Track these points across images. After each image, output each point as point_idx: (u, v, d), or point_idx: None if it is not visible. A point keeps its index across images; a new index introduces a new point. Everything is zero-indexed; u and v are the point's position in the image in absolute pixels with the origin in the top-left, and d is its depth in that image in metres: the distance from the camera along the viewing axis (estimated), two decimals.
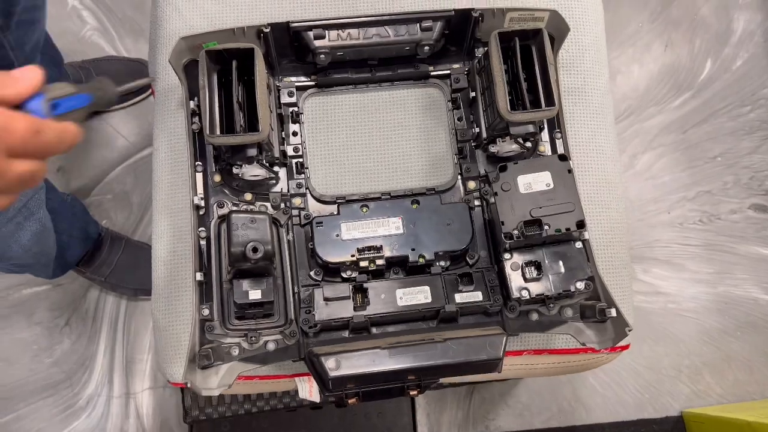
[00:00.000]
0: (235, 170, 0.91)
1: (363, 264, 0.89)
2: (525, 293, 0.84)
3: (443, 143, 1.00)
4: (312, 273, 0.92)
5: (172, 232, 0.97)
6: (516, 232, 0.84)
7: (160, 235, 0.98)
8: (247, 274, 0.85)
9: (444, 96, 1.01)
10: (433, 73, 1.01)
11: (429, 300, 0.88)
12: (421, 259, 0.90)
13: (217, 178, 0.94)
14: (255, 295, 0.84)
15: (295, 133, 0.98)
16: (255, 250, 0.80)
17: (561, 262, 0.85)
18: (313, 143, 0.99)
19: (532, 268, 0.86)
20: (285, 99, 0.98)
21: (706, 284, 1.67)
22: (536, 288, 0.85)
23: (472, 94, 0.97)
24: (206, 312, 0.87)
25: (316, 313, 0.87)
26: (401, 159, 0.99)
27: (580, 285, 0.84)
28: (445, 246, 0.90)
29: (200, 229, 0.91)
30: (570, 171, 0.86)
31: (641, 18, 1.82)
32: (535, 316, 0.89)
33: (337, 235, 0.90)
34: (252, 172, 0.91)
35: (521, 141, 0.92)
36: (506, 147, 0.93)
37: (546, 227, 0.83)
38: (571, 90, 1.03)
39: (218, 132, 0.84)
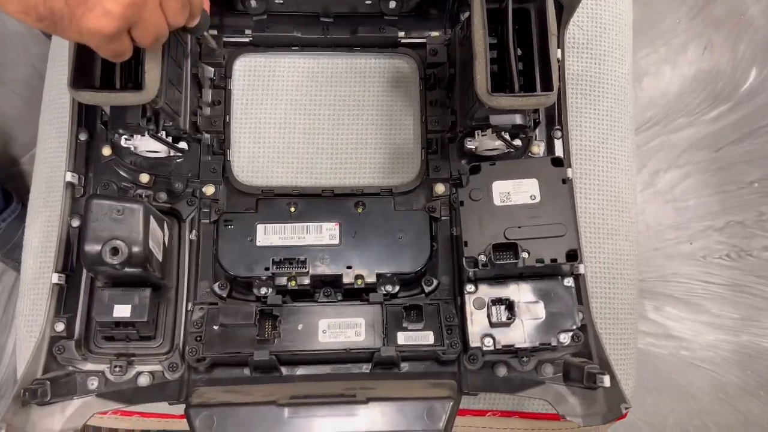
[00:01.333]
0: (124, 142, 0.69)
1: (280, 281, 0.66)
2: (488, 342, 0.62)
3: (409, 132, 0.77)
4: (216, 286, 0.69)
5: (48, 215, 0.75)
6: (482, 257, 0.61)
7: (35, 217, 0.76)
8: (121, 281, 0.63)
9: (416, 71, 0.78)
10: (403, 41, 0.78)
11: (361, 338, 0.65)
12: (359, 281, 0.67)
13: (107, 151, 0.72)
14: (122, 311, 0.62)
15: (217, 102, 0.76)
16: (115, 251, 0.57)
17: (542, 304, 0.62)
18: (240, 116, 0.77)
19: (502, 308, 0.63)
20: (207, 57, 0.75)
21: (727, 331, 1.42)
22: (504, 336, 0.62)
23: (451, 70, 0.74)
24: (60, 327, 0.65)
25: (205, 343, 0.65)
26: (353, 147, 0.76)
27: (565, 338, 0.61)
28: (393, 266, 0.68)
29: (72, 215, 0.69)
30: (566, 181, 0.63)
31: (678, 14, 1.57)
32: (502, 371, 0.66)
33: (251, 240, 0.68)
34: (147, 146, 0.69)
35: (507, 137, 0.69)
36: (487, 143, 0.70)
37: (524, 255, 0.60)
38: (581, 77, 0.80)
39: (94, 85, 0.61)
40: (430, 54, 0.77)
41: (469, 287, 0.63)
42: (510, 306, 0.62)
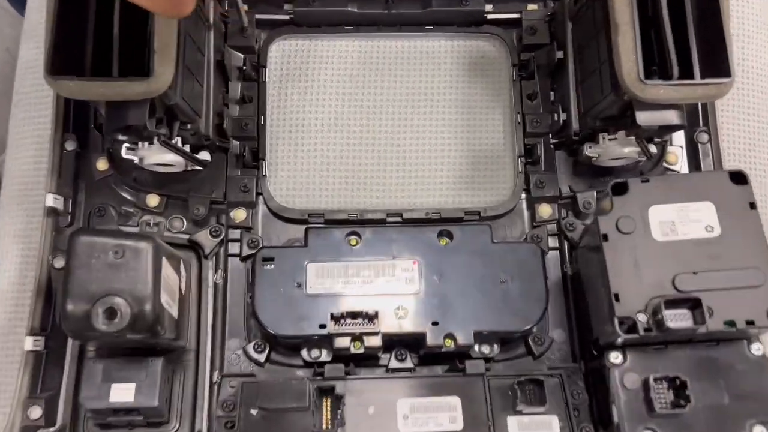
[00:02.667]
0: (126, 153, 0.50)
1: (340, 343, 0.48)
2: None
3: (498, 135, 0.59)
4: (251, 347, 0.51)
5: (22, 249, 0.56)
6: (642, 317, 0.42)
7: (5, 251, 0.57)
8: (121, 347, 0.45)
9: (506, 56, 0.60)
10: (491, 17, 0.60)
11: (458, 426, 0.47)
12: (448, 342, 0.49)
13: (102, 164, 0.54)
14: (123, 394, 0.43)
15: (248, 99, 0.57)
16: (111, 313, 0.39)
17: (722, 382, 0.43)
18: (278, 117, 0.58)
19: (662, 387, 0.44)
20: (235, 40, 0.57)
21: None
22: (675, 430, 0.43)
23: (559, 54, 0.56)
24: (36, 413, 0.47)
25: None
26: (424, 155, 0.58)
27: None
28: (496, 322, 0.49)
29: (55, 252, 0.51)
30: (753, 205, 0.44)
31: None
32: None
33: (299, 286, 0.49)
34: (156, 157, 0.50)
35: (644, 142, 0.50)
36: (614, 150, 0.52)
37: (707, 315, 0.41)
38: None
39: (83, 73, 0.43)
40: (527, 33, 0.59)
41: (615, 356, 0.44)
42: (681, 386, 0.43)
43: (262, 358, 0.51)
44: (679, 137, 0.56)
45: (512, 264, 0.50)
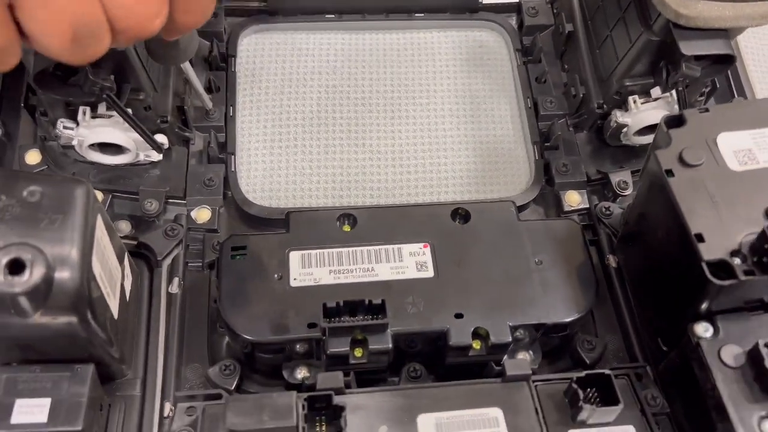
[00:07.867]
0: (63, 130, 0.41)
1: (336, 348, 0.36)
2: None
3: (507, 124, 0.51)
4: (216, 370, 0.38)
5: None
6: (737, 261, 0.32)
7: None
8: (35, 351, 0.32)
9: (506, 43, 0.54)
10: (486, 1, 0.54)
11: None
12: (477, 344, 0.37)
13: (33, 157, 0.44)
14: (30, 414, 0.30)
15: (214, 88, 0.49)
16: (17, 266, 0.27)
17: None
18: (250, 108, 0.50)
19: None
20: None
21: None
22: None
23: (569, 27, 0.50)
24: None
25: None
26: (424, 149, 0.49)
27: None
28: (538, 313, 0.38)
29: None
30: None
31: None
32: None
33: (280, 278, 0.38)
34: (100, 134, 0.41)
35: (684, 92, 0.43)
36: (648, 115, 0.44)
37: None
38: None
39: None
40: (529, 14, 0.53)
41: (704, 329, 0.33)
42: None
43: (231, 383, 0.38)
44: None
45: (546, 243, 0.40)
